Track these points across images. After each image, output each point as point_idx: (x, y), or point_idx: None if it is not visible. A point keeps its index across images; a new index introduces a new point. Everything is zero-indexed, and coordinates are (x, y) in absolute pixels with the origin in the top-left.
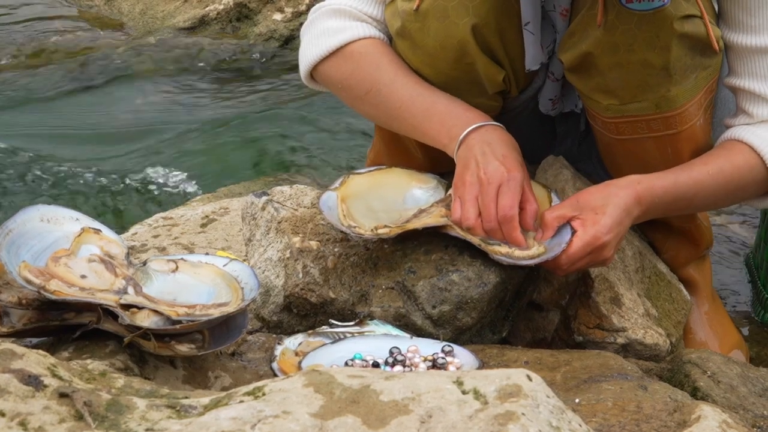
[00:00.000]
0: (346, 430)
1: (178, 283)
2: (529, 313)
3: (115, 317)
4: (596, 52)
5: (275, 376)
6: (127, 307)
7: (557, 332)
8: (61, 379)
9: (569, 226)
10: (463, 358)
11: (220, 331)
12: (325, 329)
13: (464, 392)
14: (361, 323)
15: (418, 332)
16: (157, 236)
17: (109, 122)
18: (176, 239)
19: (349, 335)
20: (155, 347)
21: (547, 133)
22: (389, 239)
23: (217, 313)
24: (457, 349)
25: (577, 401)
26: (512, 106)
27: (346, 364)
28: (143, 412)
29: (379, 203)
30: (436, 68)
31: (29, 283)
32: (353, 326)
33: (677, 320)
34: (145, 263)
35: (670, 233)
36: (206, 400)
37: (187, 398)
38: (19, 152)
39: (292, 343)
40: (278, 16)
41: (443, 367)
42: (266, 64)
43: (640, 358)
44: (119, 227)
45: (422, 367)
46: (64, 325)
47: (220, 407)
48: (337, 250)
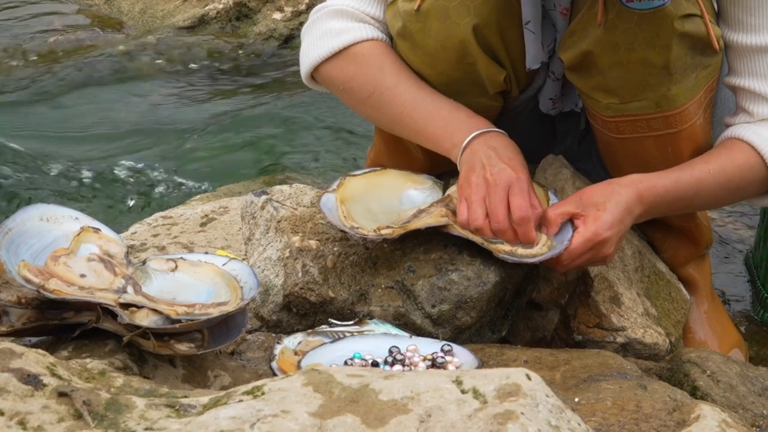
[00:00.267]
0: (345, 429)
1: (177, 282)
2: (528, 312)
3: (114, 316)
4: (596, 51)
5: (274, 375)
6: (126, 306)
7: (557, 331)
8: (60, 378)
9: (571, 223)
10: (462, 357)
11: (219, 330)
12: (324, 328)
13: (463, 391)
14: (360, 322)
15: (417, 331)
16: (156, 235)
17: (108, 121)
18: (176, 238)
19: (348, 334)
20: (154, 346)
21: (547, 132)
22: (390, 239)
23: (216, 312)
24: (456, 348)
25: (576, 400)
26: (513, 105)
27: (345, 363)
28: (142, 411)
29: (376, 205)
30: (437, 68)
31: (28, 282)
32: (352, 325)
33: (677, 319)
34: (144, 262)
35: (669, 232)
36: (205, 399)
37: (186, 397)
38: (18, 151)
39: (291, 342)
40: (278, 15)
41: (442, 366)
42: (266, 63)
43: (639, 357)
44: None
45: (421, 366)
46: (63, 324)
47: (219, 406)
48: (336, 249)
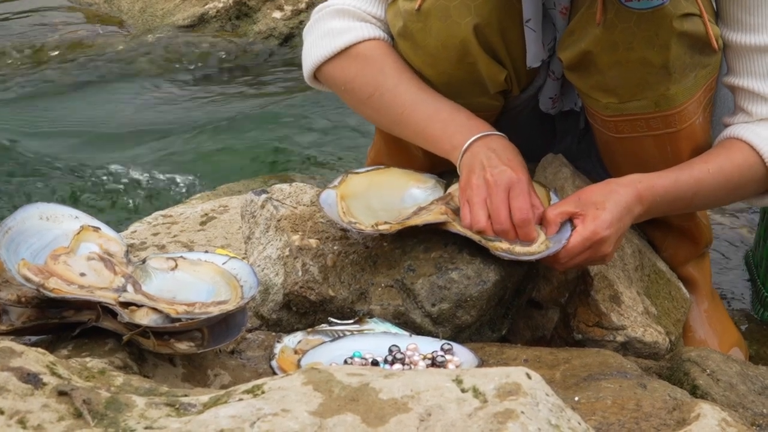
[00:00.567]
0: (345, 428)
1: (177, 281)
2: (528, 311)
3: (114, 315)
4: (595, 50)
5: (274, 374)
6: (126, 305)
7: (556, 330)
8: (60, 377)
9: (570, 222)
10: (462, 356)
11: (219, 329)
12: (324, 327)
13: (463, 390)
14: (360, 321)
15: (417, 330)
16: (156, 234)
17: (108, 120)
18: (175, 237)
19: (348, 333)
20: (154, 345)
21: (546, 131)
22: (389, 236)
23: (216, 311)
24: (456, 347)
25: (576, 399)
26: (513, 105)
27: (345, 362)
28: (142, 410)
29: (378, 202)
30: (437, 68)
31: (28, 281)
32: (352, 324)
33: (676, 318)
34: (144, 261)
35: (669, 231)
36: (205, 398)
37: (186, 396)
38: (18, 150)
39: (291, 341)
40: (278, 14)
41: (442, 365)
42: (266, 62)
43: (639, 356)
44: (118, 225)
45: (421, 365)
46: (63, 323)
47: (219, 405)
48: (336, 248)
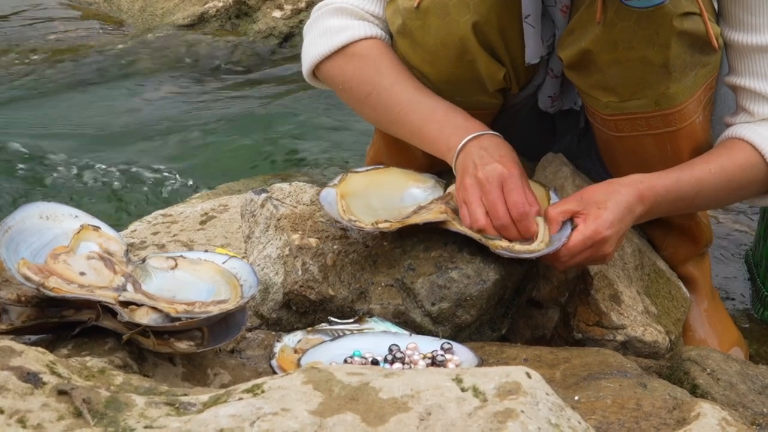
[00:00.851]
0: (345, 427)
1: (177, 280)
2: (528, 310)
3: (114, 314)
4: (595, 49)
5: (274, 373)
6: (126, 304)
7: (556, 329)
8: (60, 376)
9: (570, 221)
10: (462, 355)
11: (219, 328)
12: (324, 326)
13: (463, 390)
14: (360, 320)
15: (417, 329)
16: (156, 233)
17: (108, 119)
18: (175, 236)
19: (348, 332)
20: (154, 344)
21: (546, 130)
22: (389, 235)
23: (216, 310)
24: (456, 346)
25: (576, 399)
26: (512, 103)
27: (345, 361)
28: (142, 409)
29: (377, 201)
30: (436, 66)
31: (28, 280)
32: (352, 323)
33: (676, 317)
34: (144, 260)
35: (669, 230)
36: (205, 397)
37: (186, 395)
38: (17, 149)
39: (291, 340)
40: (277, 13)
41: (442, 364)
42: (265, 61)
43: (639, 355)
44: (118, 224)
45: (421, 364)
46: (63, 322)
47: (219, 404)
48: (336, 247)
